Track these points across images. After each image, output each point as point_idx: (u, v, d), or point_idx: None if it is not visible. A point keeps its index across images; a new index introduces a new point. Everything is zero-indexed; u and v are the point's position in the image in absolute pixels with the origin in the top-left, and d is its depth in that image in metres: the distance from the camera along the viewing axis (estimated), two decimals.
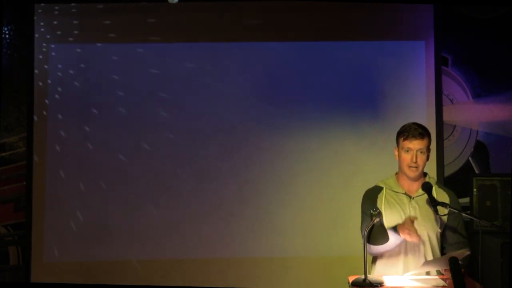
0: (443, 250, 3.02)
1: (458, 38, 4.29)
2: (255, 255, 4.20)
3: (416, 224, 2.91)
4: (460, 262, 2.67)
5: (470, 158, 4.30)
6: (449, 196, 3.03)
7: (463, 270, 2.71)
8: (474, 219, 3.74)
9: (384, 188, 3.06)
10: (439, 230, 2.98)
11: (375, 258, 3.06)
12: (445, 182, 4.16)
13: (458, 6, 4.27)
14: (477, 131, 4.30)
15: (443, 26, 4.27)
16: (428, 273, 2.96)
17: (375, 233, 2.81)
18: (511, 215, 3.81)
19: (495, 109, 4.27)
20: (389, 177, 3.11)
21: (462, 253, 2.78)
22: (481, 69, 4.29)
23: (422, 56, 4.26)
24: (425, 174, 3.06)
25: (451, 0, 4.30)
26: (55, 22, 4.28)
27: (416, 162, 2.93)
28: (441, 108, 4.26)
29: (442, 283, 2.78)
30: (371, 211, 2.82)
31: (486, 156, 4.29)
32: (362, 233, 3.04)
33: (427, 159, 2.99)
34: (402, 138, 2.97)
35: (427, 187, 2.95)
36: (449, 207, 2.89)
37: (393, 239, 2.87)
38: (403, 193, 3.02)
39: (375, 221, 2.79)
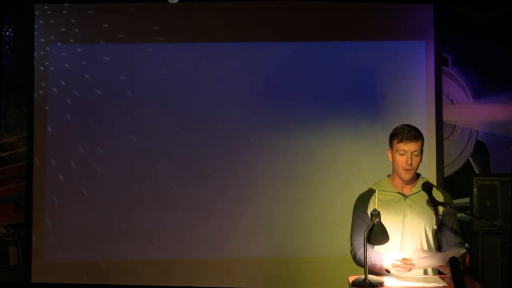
0: (440, 249, 3.01)
1: (458, 38, 4.29)
2: (255, 255, 4.20)
3: (412, 222, 2.95)
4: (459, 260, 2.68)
5: (470, 158, 4.30)
6: (443, 196, 3.04)
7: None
8: (474, 219, 3.75)
9: (377, 190, 3.07)
10: (435, 227, 2.99)
11: None
12: (445, 182, 4.16)
13: (458, 6, 4.27)
14: (477, 131, 4.30)
15: (443, 26, 4.27)
16: (425, 272, 2.96)
17: (375, 233, 2.81)
18: (511, 215, 3.80)
19: (495, 109, 4.27)
20: (382, 179, 3.11)
21: (458, 251, 2.78)
22: (481, 69, 4.29)
23: (422, 56, 4.26)
24: (418, 175, 3.06)
25: (451, 0, 4.30)
26: (55, 22, 4.28)
27: (411, 165, 2.94)
28: (441, 108, 4.26)
29: (442, 283, 2.78)
30: (371, 212, 2.83)
31: (486, 156, 4.29)
32: (351, 240, 3.09)
33: (421, 160, 2.99)
34: (396, 141, 2.96)
35: (427, 188, 2.95)
36: (450, 207, 2.90)
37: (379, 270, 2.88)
38: (397, 193, 3.02)
39: (375, 221, 2.79)
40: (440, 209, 2.94)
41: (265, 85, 4.26)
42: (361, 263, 2.92)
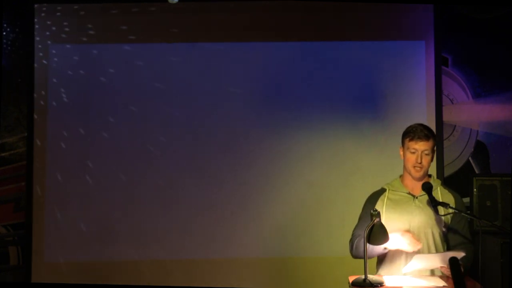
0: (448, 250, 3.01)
1: (458, 38, 4.29)
2: (255, 255, 4.20)
3: (420, 223, 2.95)
4: (460, 262, 2.68)
5: (470, 158, 4.30)
6: (454, 197, 3.04)
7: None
8: (474, 219, 3.75)
9: (387, 190, 3.08)
10: (443, 229, 2.99)
11: (379, 261, 3.07)
12: (445, 182, 4.15)
13: (458, 6, 4.27)
14: (477, 131, 4.30)
15: (443, 26, 4.27)
16: (433, 272, 2.97)
17: (375, 233, 2.81)
18: (511, 215, 3.80)
19: (495, 109, 4.27)
20: (394, 179, 3.13)
21: (457, 253, 2.78)
22: (481, 69, 4.29)
23: (422, 56, 4.26)
24: (429, 176, 3.07)
25: (451, 0, 4.30)
26: (55, 22, 4.28)
27: (420, 163, 2.95)
28: (441, 108, 4.26)
29: (442, 283, 2.78)
30: (371, 212, 2.83)
31: (486, 156, 4.29)
32: (353, 231, 3.09)
33: (432, 160, 3.00)
34: (407, 139, 2.98)
35: (427, 188, 2.96)
36: (449, 207, 2.89)
37: (378, 249, 2.90)
38: (406, 193, 3.03)
39: (375, 221, 2.80)
40: (442, 209, 2.94)
41: (265, 85, 4.26)
42: (358, 253, 2.97)
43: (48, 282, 4.14)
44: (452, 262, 2.64)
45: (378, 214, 2.81)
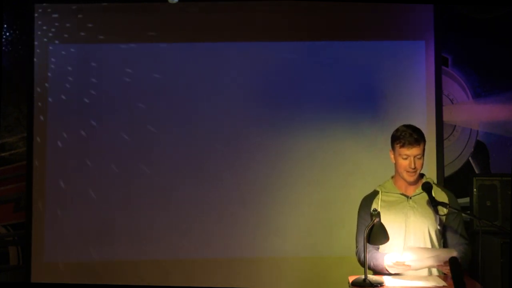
0: None
1: (458, 38, 4.29)
2: (255, 255, 4.20)
3: (416, 223, 2.95)
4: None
5: (470, 158, 4.30)
6: (448, 196, 3.04)
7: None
8: (474, 219, 3.75)
9: (380, 192, 3.07)
10: (439, 228, 2.99)
11: None
12: (445, 182, 4.16)
13: (458, 6, 4.27)
14: (477, 131, 4.30)
15: (443, 26, 4.27)
16: (430, 272, 2.97)
17: (374, 233, 2.81)
18: (511, 215, 3.81)
19: (495, 109, 4.27)
20: (386, 181, 3.12)
21: (450, 252, 2.77)
22: (481, 69, 4.29)
23: (422, 56, 4.26)
24: (421, 175, 3.07)
25: (451, 0, 4.30)
26: (55, 22, 4.28)
27: (414, 168, 2.94)
28: (441, 108, 4.26)
29: (442, 283, 2.78)
30: (371, 212, 2.83)
31: (486, 156, 4.29)
32: (356, 241, 3.09)
33: (423, 161, 2.99)
34: (398, 145, 2.96)
35: (427, 187, 2.95)
36: (450, 207, 2.90)
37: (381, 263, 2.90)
38: (400, 194, 3.03)
39: (375, 221, 2.80)
40: (441, 209, 2.94)
41: (265, 85, 4.26)
42: (369, 267, 2.93)
43: (48, 282, 4.14)
44: (452, 262, 2.64)
45: (378, 214, 2.81)
